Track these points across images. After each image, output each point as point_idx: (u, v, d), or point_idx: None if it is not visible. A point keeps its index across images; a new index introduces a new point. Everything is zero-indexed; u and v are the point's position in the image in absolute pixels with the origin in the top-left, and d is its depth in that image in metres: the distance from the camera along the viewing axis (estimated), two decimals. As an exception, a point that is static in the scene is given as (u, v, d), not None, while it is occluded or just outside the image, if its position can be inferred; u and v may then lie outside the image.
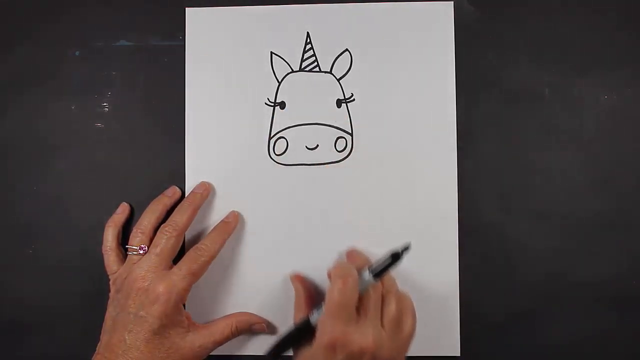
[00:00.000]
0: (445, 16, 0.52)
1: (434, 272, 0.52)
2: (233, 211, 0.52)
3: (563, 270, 0.51)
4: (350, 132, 0.52)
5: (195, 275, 0.48)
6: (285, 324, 0.52)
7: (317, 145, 0.52)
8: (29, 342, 0.53)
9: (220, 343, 0.49)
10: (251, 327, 0.51)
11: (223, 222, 0.51)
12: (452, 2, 0.52)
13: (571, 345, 0.51)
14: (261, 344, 0.52)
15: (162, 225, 0.49)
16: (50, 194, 0.53)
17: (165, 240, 0.48)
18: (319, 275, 0.52)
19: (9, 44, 0.53)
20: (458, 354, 0.51)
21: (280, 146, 0.52)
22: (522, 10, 0.52)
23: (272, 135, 0.52)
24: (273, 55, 0.52)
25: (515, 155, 0.52)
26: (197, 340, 0.48)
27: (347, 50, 0.52)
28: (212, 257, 0.49)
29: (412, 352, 0.46)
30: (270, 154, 0.52)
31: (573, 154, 0.52)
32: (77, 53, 0.53)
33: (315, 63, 0.52)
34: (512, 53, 0.52)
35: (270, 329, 0.52)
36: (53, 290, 0.53)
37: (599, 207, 0.51)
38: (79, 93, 0.53)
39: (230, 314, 0.52)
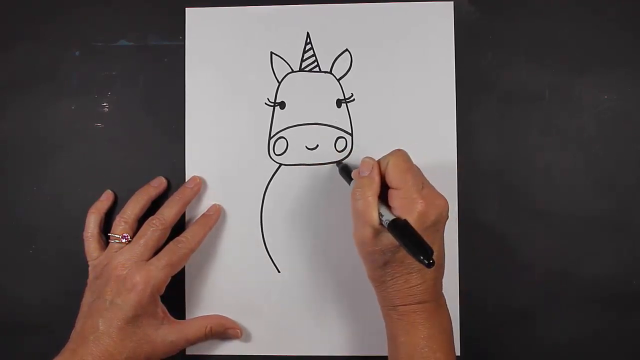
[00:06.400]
0: (445, 16, 0.52)
1: (434, 272, 0.51)
2: (215, 204, 0.52)
3: (563, 270, 0.51)
4: (350, 132, 0.52)
5: (174, 267, 0.48)
6: (277, 325, 0.52)
7: (317, 145, 0.52)
8: (29, 342, 0.53)
9: (192, 342, 0.50)
10: (226, 332, 0.51)
11: (204, 215, 0.51)
12: (452, 2, 0.52)
13: (571, 345, 0.51)
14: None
15: (149, 218, 0.49)
16: (50, 194, 0.53)
17: (151, 232, 0.48)
18: (318, 274, 0.52)
19: (9, 44, 0.53)
20: (458, 353, 0.51)
21: (280, 146, 0.52)
22: (522, 10, 0.52)
23: (272, 135, 0.52)
24: (273, 55, 0.52)
25: (515, 155, 0.52)
26: (169, 335, 0.48)
27: (347, 50, 0.52)
28: (192, 250, 0.49)
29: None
30: (270, 154, 0.52)
31: (573, 154, 0.52)
32: (77, 53, 0.53)
33: (315, 63, 0.52)
34: (512, 53, 0.52)
35: (245, 336, 0.52)
36: (53, 290, 0.53)
37: (599, 206, 0.51)
38: (79, 93, 0.53)
39: (208, 315, 0.52)
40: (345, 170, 0.49)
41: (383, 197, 0.44)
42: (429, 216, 0.43)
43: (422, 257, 0.38)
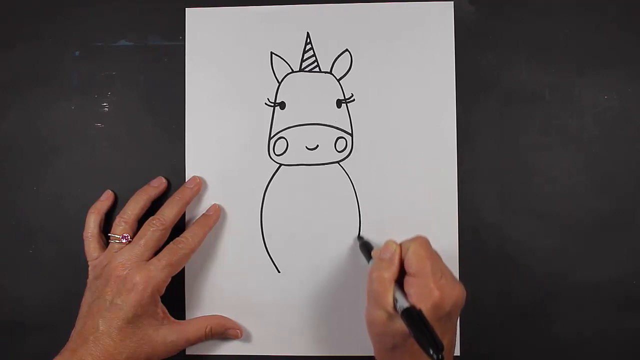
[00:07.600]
0: (445, 16, 0.52)
1: (434, 272, 0.51)
2: (214, 204, 0.52)
3: (563, 271, 0.51)
4: (350, 132, 0.52)
5: (174, 267, 0.48)
6: (277, 325, 0.52)
7: (317, 145, 0.52)
8: (29, 342, 0.53)
9: (192, 342, 0.50)
10: (226, 332, 0.51)
11: (204, 215, 0.51)
12: (452, 2, 0.52)
13: (571, 345, 0.51)
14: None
15: (150, 218, 0.49)
16: (50, 194, 0.53)
17: (151, 232, 0.48)
18: (318, 274, 0.52)
19: (9, 44, 0.53)
20: (458, 353, 0.51)
21: (280, 146, 0.52)
22: (522, 10, 0.52)
23: (272, 135, 0.52)
24: (273, 55, 0.52)
25: (515, 155, 0.52)
26: (169, 335, 0.48)
27: (347, 50, 0.52)
28: (192, 250, 0.49)
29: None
30: (270, 154, 0.52)
31: (573, 154, 0.52)
32: (77, 53, 0.53)
33: (315, 63, 0.52)
34: (512, 53, 0.52)
35: (245, 336, 0.52)
36: (53, 290, 0.53)
37: (599, 207, 0.51)
38: (79, 93, 0.53)
39: (208, 316, 0.52)
40: (366, 247, 0.49)
41: (400, 280, 0.44)
42: (444, 307, 0.42)
43: (431, 352, 0.38)
